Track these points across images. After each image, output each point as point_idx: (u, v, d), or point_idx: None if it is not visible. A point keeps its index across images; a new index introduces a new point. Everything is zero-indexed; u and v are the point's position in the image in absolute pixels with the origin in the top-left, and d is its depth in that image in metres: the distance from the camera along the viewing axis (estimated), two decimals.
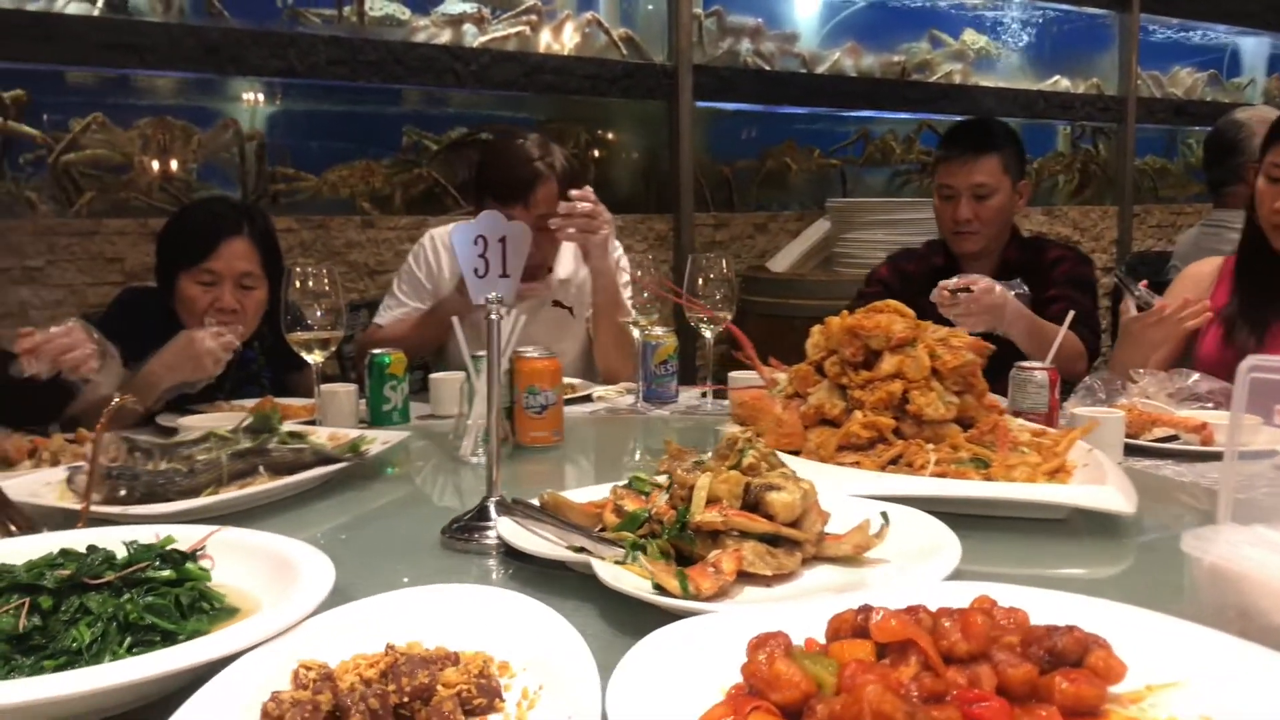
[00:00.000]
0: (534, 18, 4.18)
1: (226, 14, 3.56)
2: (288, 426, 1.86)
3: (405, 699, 0.85)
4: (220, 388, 2.45)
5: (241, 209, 2.63)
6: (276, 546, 1.21)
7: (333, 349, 2.21)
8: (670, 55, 4.40)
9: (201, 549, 1.17)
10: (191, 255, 2.46)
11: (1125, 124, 5.80)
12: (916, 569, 1.16)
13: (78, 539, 1.17)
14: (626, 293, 2.81)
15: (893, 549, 1.23)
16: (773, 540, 1.18)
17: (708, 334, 2.41)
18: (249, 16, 3.61)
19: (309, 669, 0.90)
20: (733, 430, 1.66)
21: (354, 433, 1.95)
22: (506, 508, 1.36)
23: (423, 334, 2.75)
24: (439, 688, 0.86)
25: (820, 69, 4.96)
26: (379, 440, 1.87)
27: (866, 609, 0.83)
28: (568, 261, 2.97)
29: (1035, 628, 0.82)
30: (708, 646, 0.88)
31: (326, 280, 2.17)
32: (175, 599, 1.04)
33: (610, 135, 4.74)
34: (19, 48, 3.13)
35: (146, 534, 1.19)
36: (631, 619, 1.07)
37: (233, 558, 1.18)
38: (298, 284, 2.16)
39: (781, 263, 4.55)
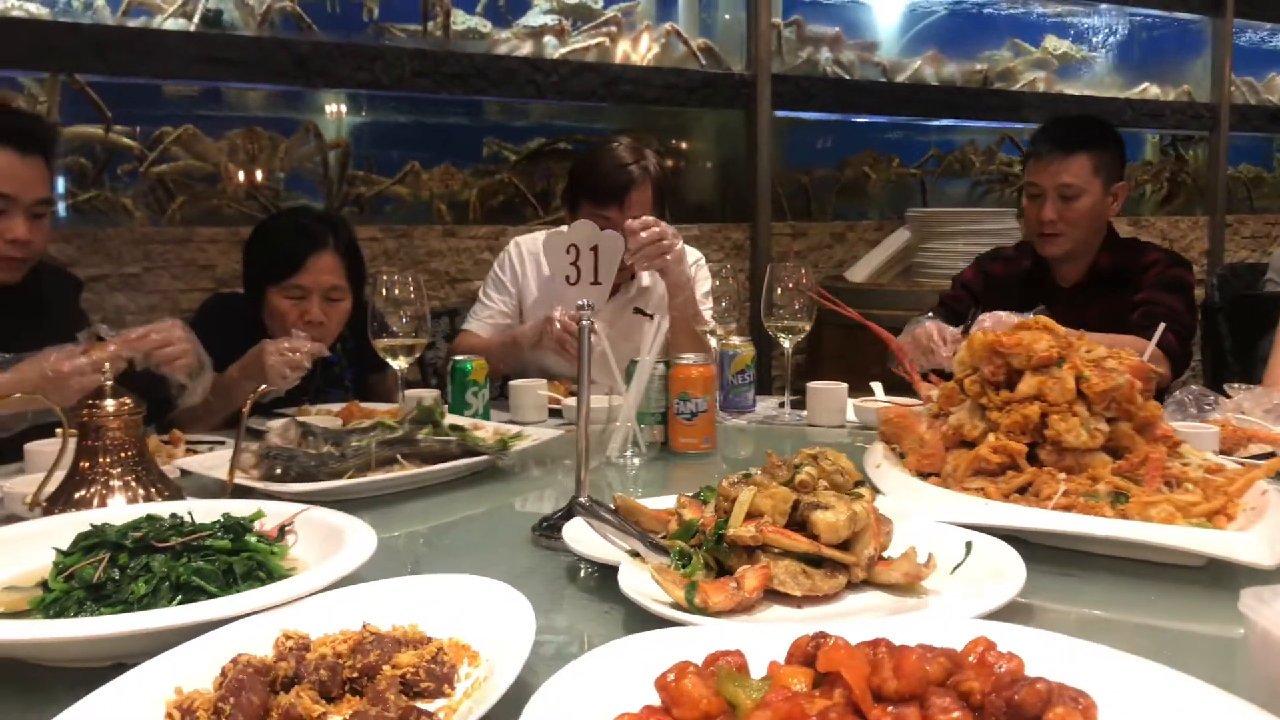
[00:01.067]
0: (613, 29, 4.21)
1: (315, 27, 3.65)
2: (450, 420, 1.97)
3: (355, 675, 0.92)
4: (305, 391, 2.51)
5: (326, 221, 2.67)
6: (345, 526, 1.28)
7: (417, 355, 2.25)
8: (749, 65, 4.40)
9: (290, 525, 1.28)
10: (280, 271, 2.51)
11: (1218, 132, 5.64)
12: (964, 602, 1.10)
13: (209, 508, 1.30)
14: (707, 302, 2.81)
15: (960, 580, 1.17)
16: (817, 561, 1.16)
17: (786, 344, 2.41)
18: (337, 30, 3.70)
19: (289, 638, 0.97)
20: (877, 446, 1.64)
21: (513, 429, 2.02)
22: (583, 509, 1.36)
23: (502, 356, 2.76)
24: (385, 667, 0.91)
25: (900, 78, 4.91)
26: (531, 438, 1.95)
27: (820, 635, 0.81)
28: None
29: (1003, 675, 0.76)
30: (664, 659, 0.83)
31: (411, 288, 2.21)
32: (228, 566, 1.16)
33: (687, 145, 4.76)
34: (121, 62, 3.25)
35: (281, 509, 1.34)
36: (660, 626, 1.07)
37: (317, 535, 1.28)
38: (383, 291, 2.21)
39: (860, 272, 4.51)
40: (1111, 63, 5.62)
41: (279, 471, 1.63)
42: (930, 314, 2.46)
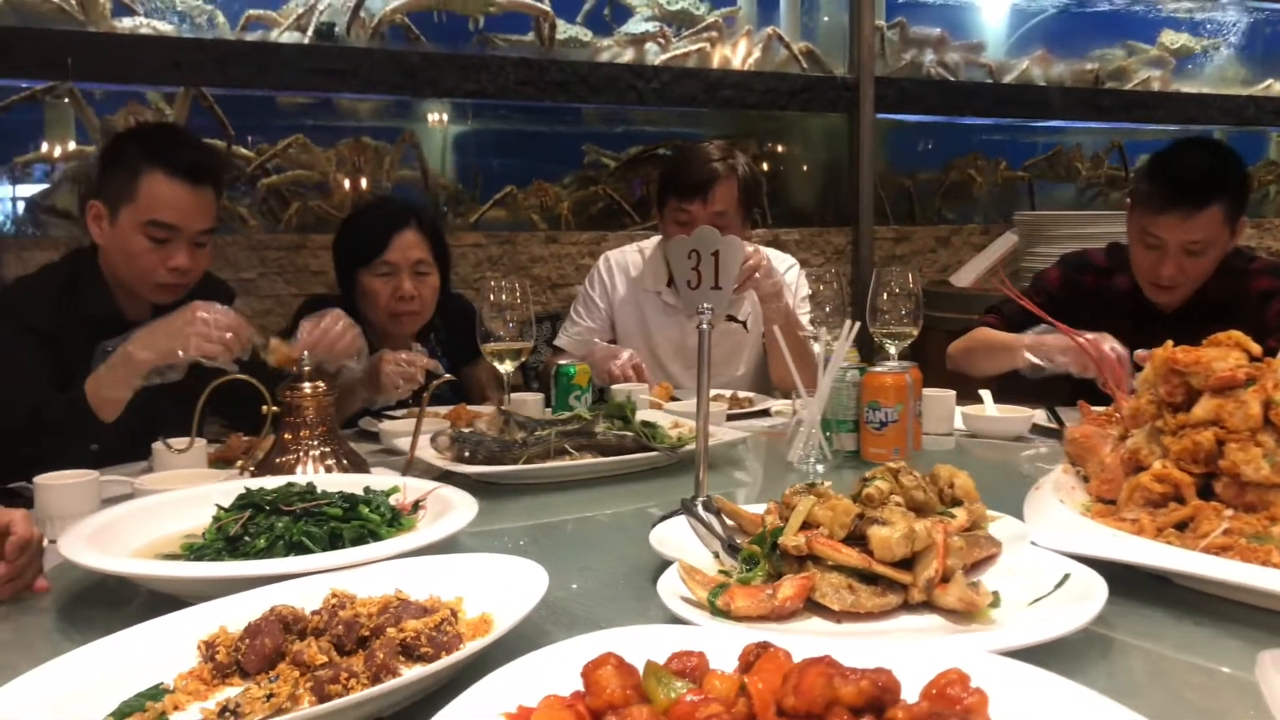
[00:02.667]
0: (714, 34, 4.22)
1: (424, 39, 3.73)
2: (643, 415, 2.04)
3: (367, 634, 1.02)
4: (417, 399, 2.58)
5: (407, 205, 2.79)
6: (459, 506, 1.42)
7: (523, 359, 2.28)
8: (851, 68, 4.36)
9: (422, 502, 1.47)
10: (368, 252, 2.60)
11: None
12: (1002, 633, 1.06)
13: (369, 481, 1.52)
14: (805, 307, 2.79)
15: (1033, 611, 1.11)
16: (872, 578, 1.14)
17: (892, 349, 2.37)
18: (444, 41, 3.78)
19: (335, 596, 1.08)
20: (1064, 468, 1.56)
21: (713, 429, 2.05)
22: (686, 507, 1.40)
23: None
24: (389, 629, 1.00)
25: (1007, 79, 4.81)
26: (719, 436, 1.99)
27: (764, 645, 0.84)
28: None
29: (919, 706, 0.75)
30: (645, 653, 0.85)
31: (517, 293, 2.25)
32: (338, 531, 1.32)
33: (788, 149, 4.73)
34: (240, 75, 3.37)
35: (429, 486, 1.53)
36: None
37: (437, 511, 1.43)
38: (490, 296, 2.25)
39: (965, 277, 4.42)
40: (1232, 58, 5.40)
41: (467, 454, 1.81)
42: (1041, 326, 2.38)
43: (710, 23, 4.21)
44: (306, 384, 1.72)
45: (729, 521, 1.37)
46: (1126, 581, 1.19)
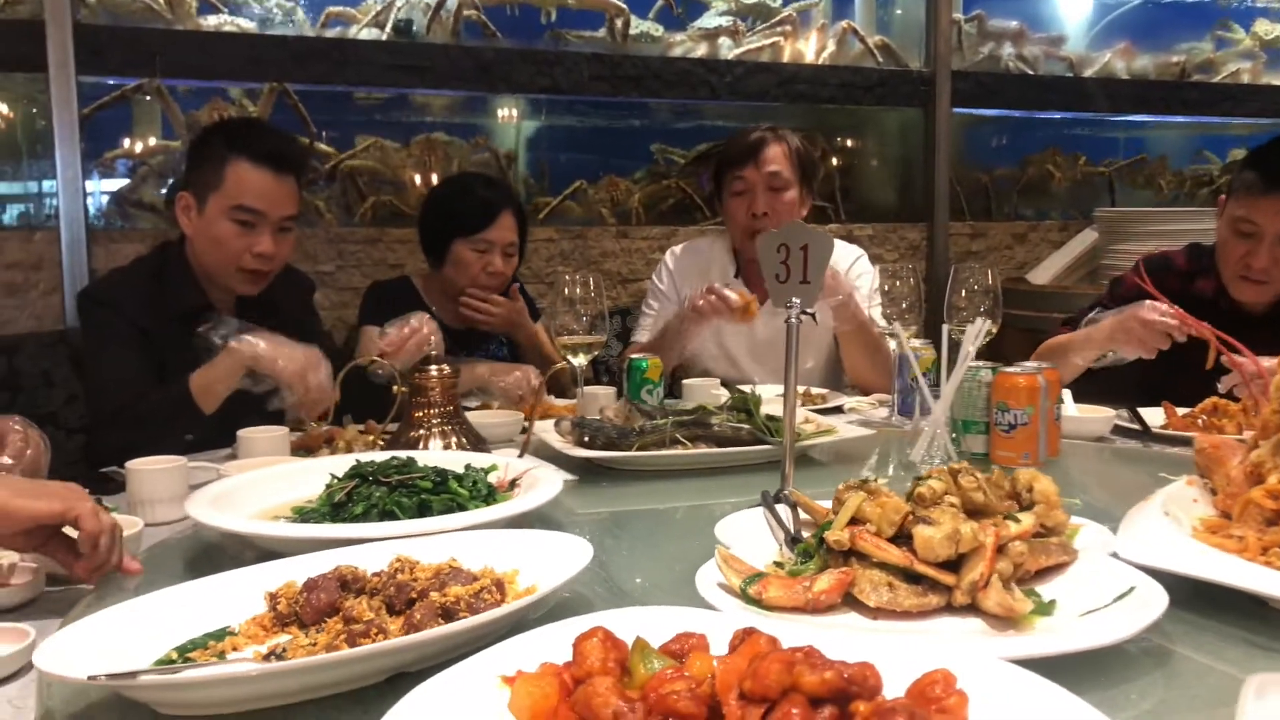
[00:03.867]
0: (788, 28, 4.19)
1: (499, 34, 3.76)
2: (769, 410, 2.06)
3: (415, 597, 1.07)
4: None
5: (504, 186, 2.97)
6: (546, 488, 1.50)
7: (596, 352, 2.30)
8: (928, 62, 4.30)
9: (516, 480, 1.58)
10: (473, 224, 2.74)
11: None
12: (1032, 640, 1.04)
13: (476, 459, 1.64)
14: (875, 299, 2.76)
15: (1084, 622, 1.08)
16: (915, 578, 1.12)
17: (971, 347, 2.33)
18: (518, 36, 3.81)
19: (398, 561, 1.15)
20: (1189, 479, 1.50)
21: (829, 421, 2.09)
22: (764, 499, 1.42)
23: (661, 352, 2.78)
24: (433, 594, 1.06)
25: (1088, 72, 4.70)
26: (835, 433, 2.02)
27: (749, 631, 0.86)
28: None
29: (889, 701, 0.75)
30: (664, 634, 0.89)
31: (591, 288, 2.26)
32: (426, 502, 1.43)
33: (862, 144, 4.68)
34: (319, 72, 3.43)
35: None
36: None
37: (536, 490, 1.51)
38: (564, 291, 2.26)
39: (1043, 275, 4.34)
40: None
41: (586, 439, 1.90)
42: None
43: (784, 16, 4.18)
44: (433, 368, 1.88)
45: (805, 516, 1.37)
46: (1216, 600, 1.15)
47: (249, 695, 0.93)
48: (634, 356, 2.36)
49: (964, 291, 2.32)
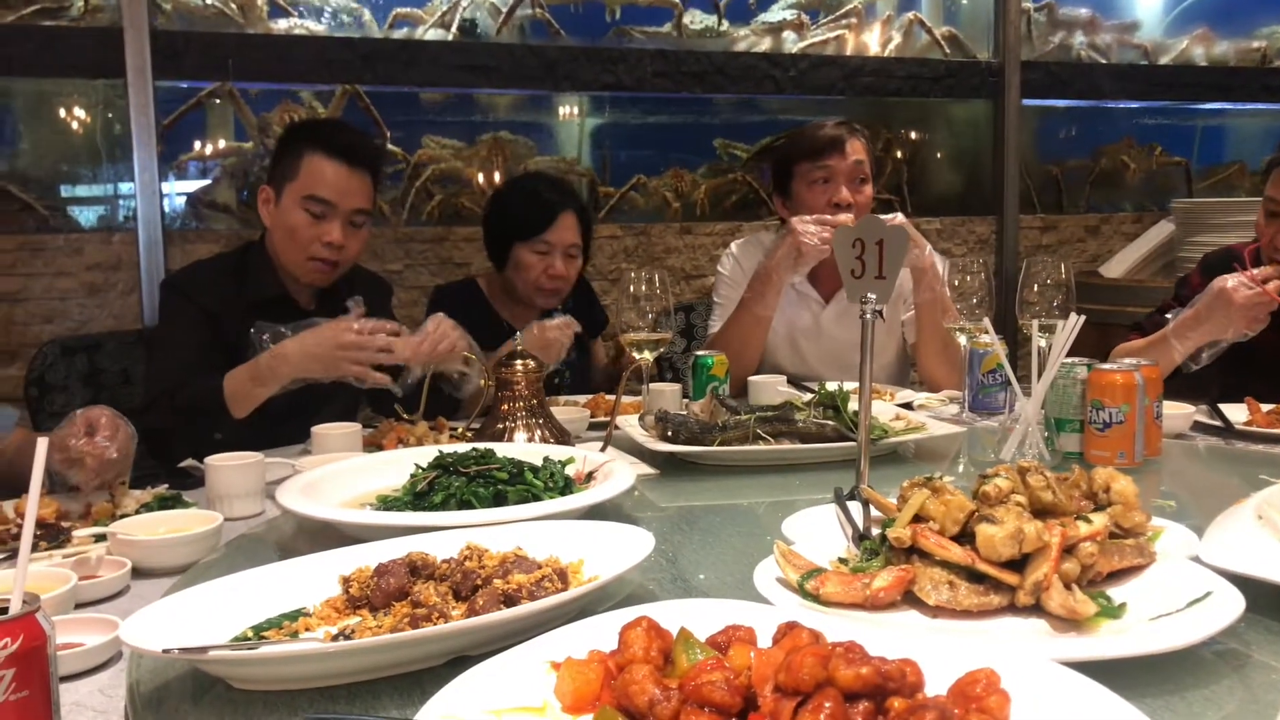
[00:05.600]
0: (854, 20, 4.14)
1: (563, 33, 3.78)
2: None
3: (480, 584, 1.10)
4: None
5: (567, 187, 2.96)
6: (620, 479, 1.53)
7: (661, 349, 2.30)
8: (996, 52, 4.23)
9: (594, 473, 1.61)
10: (531, 227, 2.74)
11: None
12: (1093, 642, 1.01)
13: (554, 451, 1.67)
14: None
15: (1152, 626, 1.04)
16: (979, 577, 1.10)
17: (1042, 342, 2.29)
18: (581, 34, 3.82)
19: (469, 548, 1.18)
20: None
21: (919, 418, 2.08)
22: (836, 496, 1.42)
23: (742, 334, 2.76)
24: (495, 581, 1.09)
25: (1164, 60, 4.59)
26: (930, 430, 1.99)
27: (792, 624, 0.87)
28: None
29: (927, 699, 0.76)
30: (713, 625, 0.91)
31: (657, 284, 2.26)
32: (500, 492, 1.48)
33: (929, 136, 4.61)
34: (387, 73, 3.48)
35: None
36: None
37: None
38: (630, 288, 2.27)
39: (1117, 268, 4.24)
40: None
41: (670, 434, 1.91)
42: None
43: (850, 8, 4.14)
44: (519, 362, 1.94)
45: (877, 514, 1.36)
46: None
47: (315, 672, 0.97)
48: (700, 354, 2.36)
49: (1036, 286, 2.28)
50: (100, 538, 1.46)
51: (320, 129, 2.44)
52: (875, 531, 1.29)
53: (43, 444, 0.87)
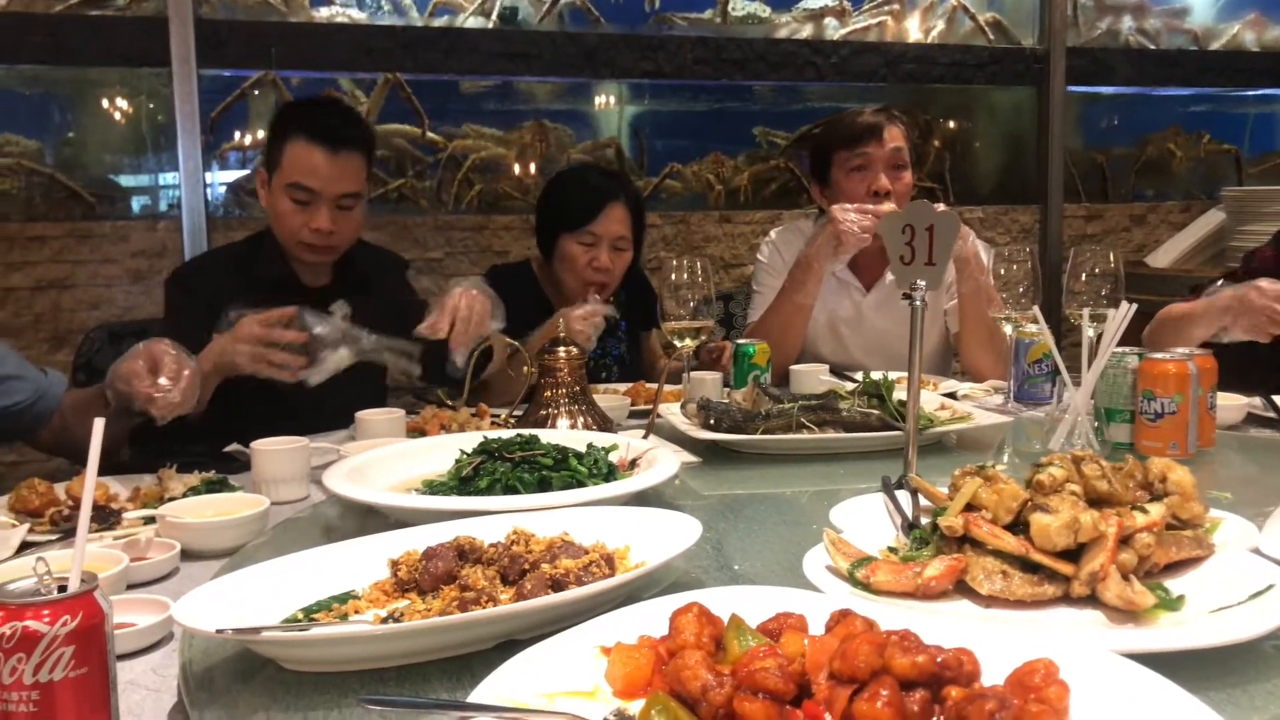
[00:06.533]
0: (895, 6, 4.10)
1: (602, 20, 3.77)
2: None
3: (528, 568, 1.11)
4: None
5: (617, 177, 2.91)
6: (663, 467, 1.52)
7: (703, 337, 2.29)
8: (1041, 38, 4.17)
9: (637, 460, 1.61)
10: (577, 219, 2.70)
11: None
12: (1152, 634, 0.99)
13: (596, 439, 1.65)
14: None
15: (1212, 619, 1.02)
16: (1033, 567, 1.09)
17: (1090, 332, 2.25)
18: (621, 21, 3.81)
19: (515, 533, 1.19)
20: None
21: (965, 408, 2.07)
22: (884, 484, 1.41)
23: (782, 321, 2.73)
24: (543, 565, 1.09)
25: (1214, 45, 4.50)
26: (976, 420, 1.97)
27: (846, 612, 0.87)
28: None
29: (985, 688, 0.76)
30: (765, 612, 0.91)
31: (699, 273, 2.25)
32: (545, 478, 1.48)
33: (971, 124, 4.56)
34: (427, 61, 3.49)
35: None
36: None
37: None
38: (672, 276, 2.26)
39: (1163, 257, 4.17)
40: None
41: (712, 421, 1.90)
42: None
43: None
44: (561, 349, 1.93)
45: (926, 503, 1.34)
46: None
47: (364, 654, 0.97)
48: (741, 342, 2.35)
49: (1084, 275, 2.24)
50: (149, 520, 1.47)
51: (302, 112, 2.37)
52: (924, 520, 1.28)
53: (99, 425, 0.87)
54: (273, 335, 1.94)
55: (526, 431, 1.63)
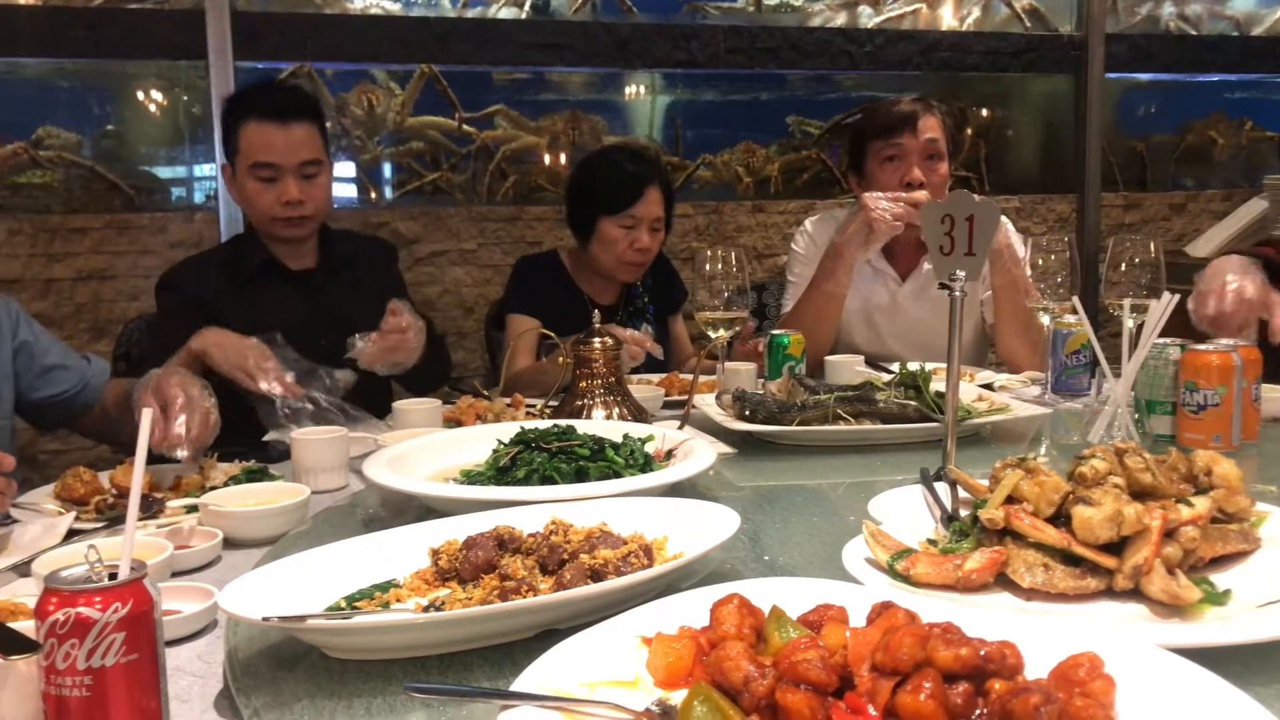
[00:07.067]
0: None
1: (635, 10, 3.76)
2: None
3: (567, 558, 1.11)
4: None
5: (651, 159, 2.94)
6: (699, 458, 1.53)
7: (737, 328, 2.28)
8: (1079, 25, 4.12)
9: (673, 451, 1.61)
10: (618, 202, 2.72)
11: None
12: (1198, 628, 0.98)
13: (631, 429, 1.66)
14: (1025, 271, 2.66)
15: (1258, 614, 1.01)
16: (1075, 560, 1.07)
17: (1129, 323, 2.23)
18: (654, 11, 3.79)
19: (554, 523, 1.18)
20: None
21: (1002, 399, 2.06)
22: (924, 477, 1.40)
23: (815, 312, 2.72)
24: (582, 556, 1.09)
25: (1257, 30, 4.42)
26: (1015, 411, 1.97)
27: (888, 604, 0.87)
28: None
29: (1028, 681, 0.75)
30: (804, 604, 0.90)
31: (734, 263, 2.24)
32: (582, 468, 1.49)
33: (1007, 112, 4.51)
34: (461, 52, 3.50)
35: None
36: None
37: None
38: (705, 266, 2.25)
39: (1204, 247, 4.11)
40: None
41: (747, 413, 1.89)
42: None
43: None
44: (596, 340, 1.93)
45: (964, 495, 1.33)
46: None
47: (407, 642, 0.98)
48: (775, 333, 2.34)
49: (1123, 265, 2.22)
50: (191, 509, 1.49)
51: (247, 96, 2.45)
52: (963, 513, 1.27)
53: (147, 415, 0.88)
54: (268, 379, 1.95)
55: (563, 422, 1.64)
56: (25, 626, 0.88)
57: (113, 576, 0.80)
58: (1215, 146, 4.60)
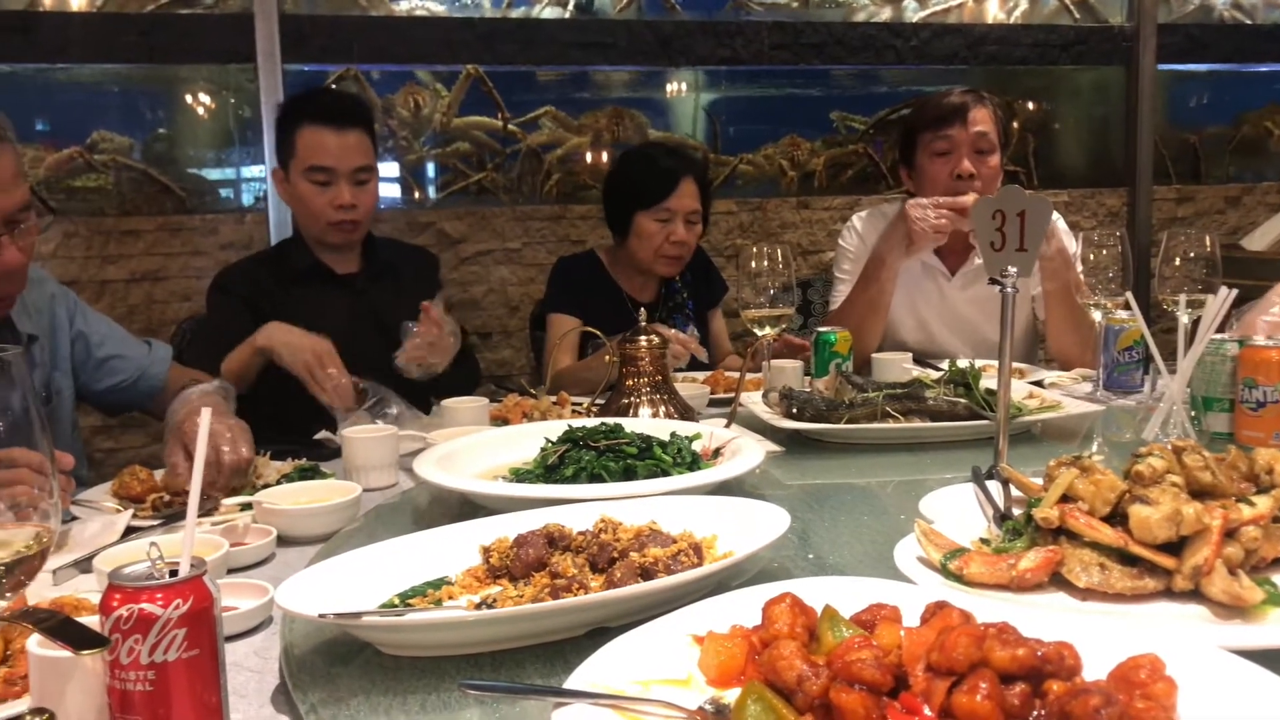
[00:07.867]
0: None
1: (678, 7, 3.75)
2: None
3: (617, 556, 1.11)
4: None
5: (686, 152, 2.96)
6: (747, 456, 1.52)
7: (783, 325, 2.27)
8: (1130, 15, 4.05)
9: (720, 449, 1.60)
10: (653, 195, 2.73)
11: None
12: (1254, 633, 0.95)
13: (679, 427, 1.66)
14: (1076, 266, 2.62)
15: None
16: (1132, 560, 1.05)
17: (1184, 319, 2.19)
18: (698, 8, 3.79)
19: (603, 521, 1.19)
20: None
21: (1054, 396, 2.04)
22: (974, 475, 1.38)
23: (863, 308, 2.70)
24: (632, 554, 1.10)
25: None
26: (1067, 408, 1.94)
27: (942, 604, 0.85)
28: None
29: (1087, 683, 0.73)
30: (856, 604, 0.89)
31: (780, 260, 2.23)
32: (630, 466, 1.49)
33: (1056, 105, 4.45)
34: (505, 52, 3.52)
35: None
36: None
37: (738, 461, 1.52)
38: (751, 263, 2.24)
39: (1260, 240, 4.03)
40: None
41: (794, 411, 1.89)
42: None
43: None
44: (643, 338, 1.92)
45: (1017, 493, 1.32)
46: None
47: (460, 640, 0.99)
48: (821, 330, 2.32)
49: (1177, 259, 2.17)
50: (245, 506, 1.51)
51: (305, 101, 2.50)
52: (1016, 512, 1.25)
53: (206, 413, 0.90)
54: (324, 389, 2.02)
55: (611, 420, 1.64)
56: (88, 622, 0.90)
57: (174, 573, 0.82)
58: (1271, 138, 4.51)
